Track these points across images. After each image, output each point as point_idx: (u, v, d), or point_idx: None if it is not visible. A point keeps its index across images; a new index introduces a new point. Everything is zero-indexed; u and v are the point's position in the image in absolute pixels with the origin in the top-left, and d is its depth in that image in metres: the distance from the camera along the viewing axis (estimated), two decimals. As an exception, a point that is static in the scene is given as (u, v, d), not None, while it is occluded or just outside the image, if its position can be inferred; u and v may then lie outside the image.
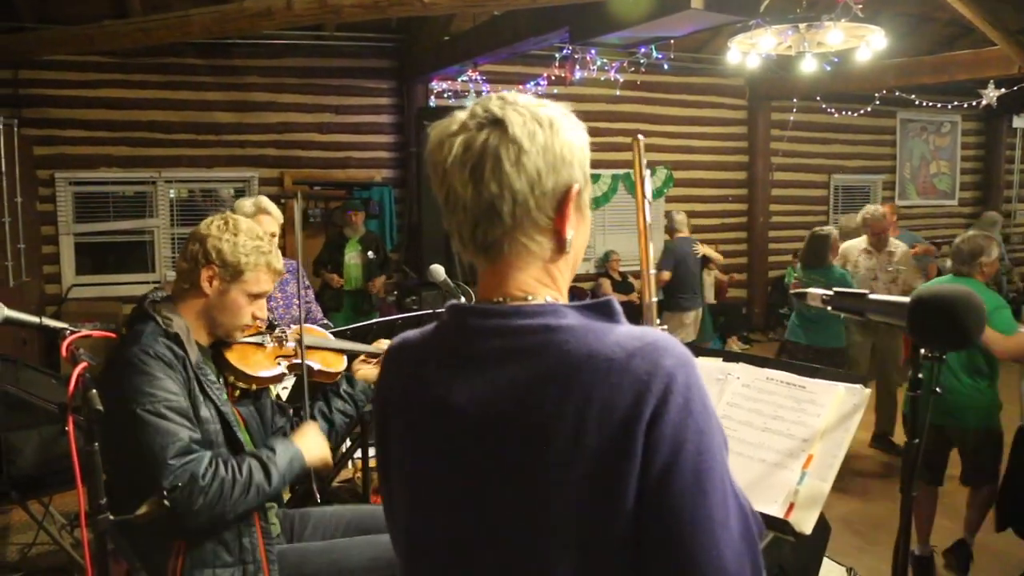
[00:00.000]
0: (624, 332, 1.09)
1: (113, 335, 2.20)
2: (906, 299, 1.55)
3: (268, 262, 2.33)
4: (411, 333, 1.27)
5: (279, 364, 2.54)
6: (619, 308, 1.14)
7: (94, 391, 1.66)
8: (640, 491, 1.02)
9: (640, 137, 1.74)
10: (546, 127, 1.13)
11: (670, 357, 1.05)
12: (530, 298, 1.15)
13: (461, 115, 1.15)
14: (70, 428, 1.67)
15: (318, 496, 2.56)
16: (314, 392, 2.69)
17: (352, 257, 7.48)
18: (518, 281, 1.15)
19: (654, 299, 1.79)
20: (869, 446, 6.16)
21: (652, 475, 1.02)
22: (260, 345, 2.53)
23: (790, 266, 10.22)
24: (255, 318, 2.37)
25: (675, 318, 7.35)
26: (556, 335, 1.08)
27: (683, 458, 1.02)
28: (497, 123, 1.11)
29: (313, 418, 2.62)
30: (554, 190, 1.13)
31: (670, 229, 7.59)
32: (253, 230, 2.36)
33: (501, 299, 1.15)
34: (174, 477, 1.97)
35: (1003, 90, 8.39)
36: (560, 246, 1.16)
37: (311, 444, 2.40)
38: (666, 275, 7.12)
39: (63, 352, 1.79)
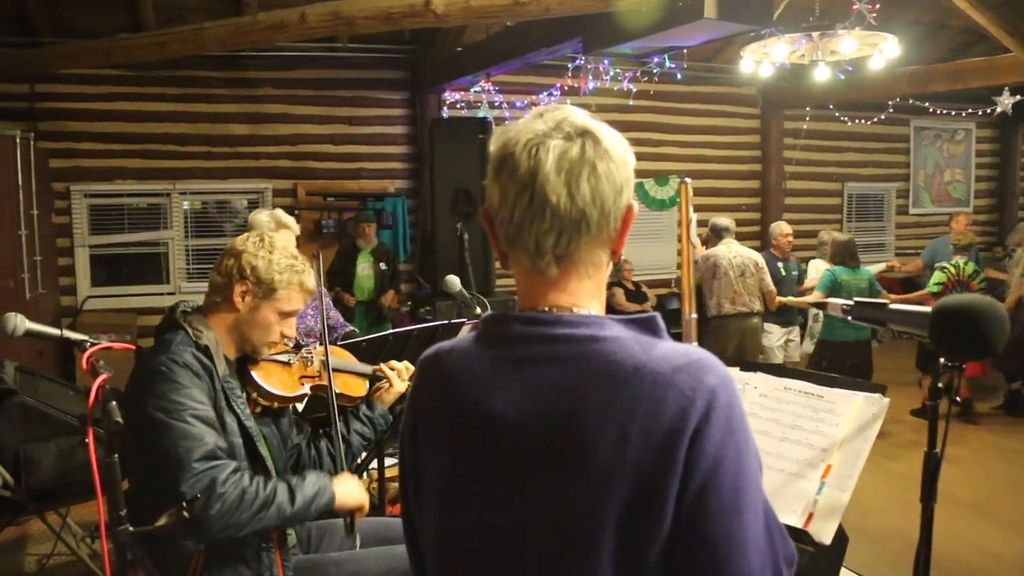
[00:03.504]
0: (669, 348, 1.10)
1: (133, 347, 2.21)
2: (928, 309, 1.54)
3: (301, 281, 2.34)
4: (445, 343, 1.27)
5: (303, 385, 2.54)
6: (663, 325, 1.15)
7: (114, 403, 1.67)
8: (678, 505, 1.03)
9: (688, 181, 1.76)
10: (621, 143, 1.15)
11: (714, 375, 1.07)
12: (575, 309, 1.15)
13: (537, 124, 1.14)
14: (90, 440, 1.68)
15: (347, 531, 2.50)
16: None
17: (364, 268, 7.49)
18: (576, 292, 1.16)
19: (693, 315, 1.81)
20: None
21: (690, 490, 1.02)
22: (286, 364, 2.54)
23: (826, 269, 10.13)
24: (283, 336, 2.38)
25: None
26: (602, 345, 1.09)
27: (722, 475, 1.03)
28: (588, 133, 1.12)
29: (337, 439, 2.61)
30: (623, 206, 1.15)
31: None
32: (288, 248, 2.37)
33: (547, 308, 1.16)
34: (195, 480, 1.97)
35: (1018, 97, 8.37)
36: (612, 260, 1.19)
37: (346, 486, 2.34)
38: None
39: (83, 364, 1.80)
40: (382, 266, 7.50)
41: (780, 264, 7.30)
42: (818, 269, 7.77)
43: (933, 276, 6.94)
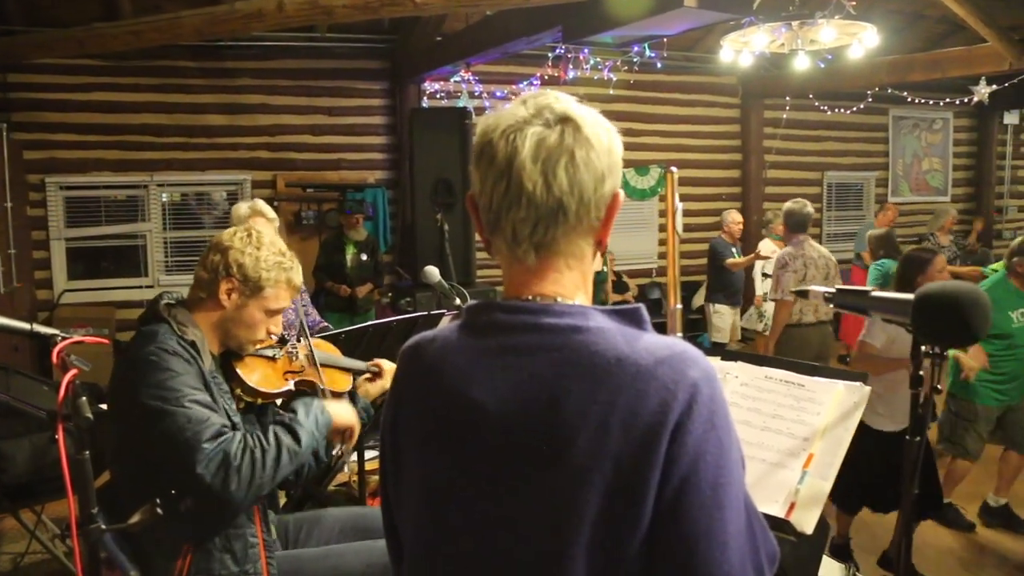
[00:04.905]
0: (652, 340, 1.09)
1: (107, 341, 2.17)
2: (910, 296, 1.53)
3: (289, 278, 2.30)
4: (427, 333, 1.25)
5: (287, 381, 2.49)
6: (647, 316, 1.14)
7: (84, 398, 1.63)
8: (658, 499, 1.01)
9: (673, 169, 1.76)
10: (606, 130, 1.13)
11: (697, 369, 1.06)
12: (560, 299, 1.14)
13: (519, 110, 1.12)
14: (60, 436, 1.64)
15: (336, 458, 2.50)
16: None
17: (349, 259, 7.45)
18: (558, 282, 1.15)
19: (678, 306, 1.81)
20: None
21: (671, 485, 1.01)
22: (270, 359, 2.49)
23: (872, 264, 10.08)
24: (269, 333, 2.34)
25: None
26: (584, 336, 1.08)
27: (703, 471, 1.02)
28: (568, 120, 1.10)
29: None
30: (607, 194, 1.13)
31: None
32: (276, 244, 2.31)
33: (531, 297, 1.14)
34: (208, 460, 1.94)
35: (994, 86, 8.41)
36: (597, 251, 1.18)
37: (338, 407, 2.38)
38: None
39: (54, 359, 1.76)
40: (363, 257, 7.46)
41: (732, 249, 8.11)
42: (767, 247, 7.87)
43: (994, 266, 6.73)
